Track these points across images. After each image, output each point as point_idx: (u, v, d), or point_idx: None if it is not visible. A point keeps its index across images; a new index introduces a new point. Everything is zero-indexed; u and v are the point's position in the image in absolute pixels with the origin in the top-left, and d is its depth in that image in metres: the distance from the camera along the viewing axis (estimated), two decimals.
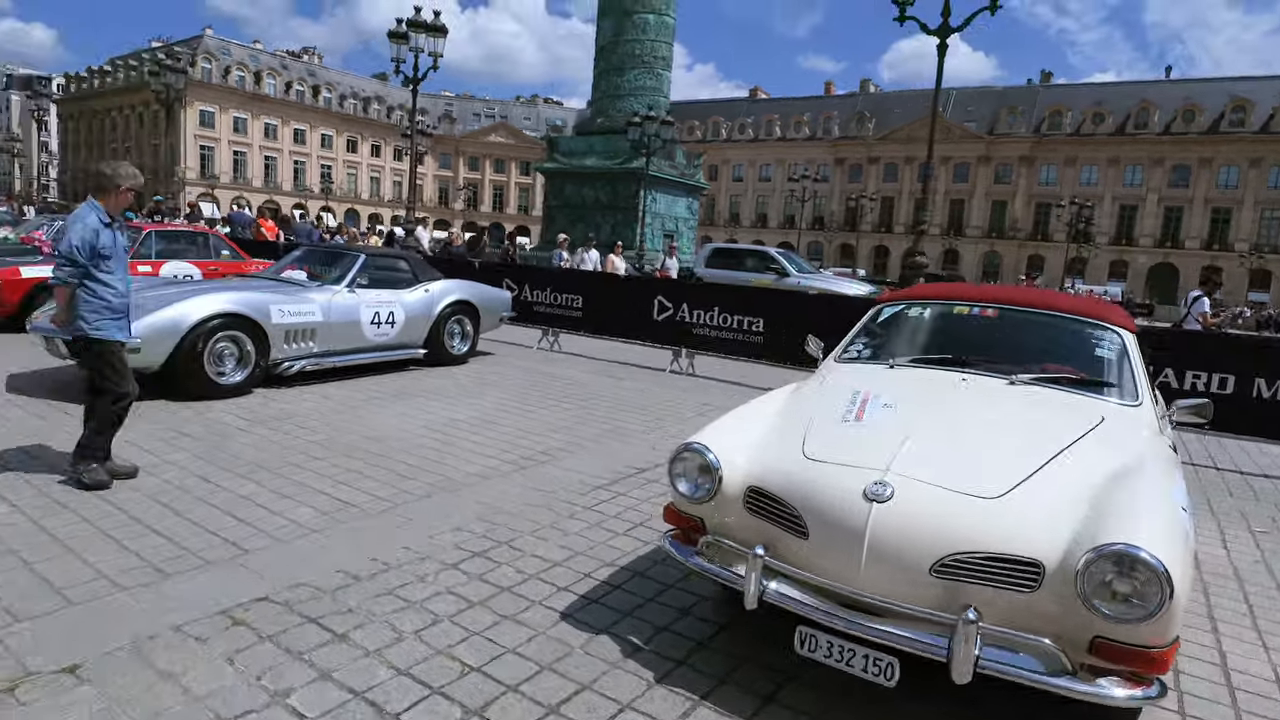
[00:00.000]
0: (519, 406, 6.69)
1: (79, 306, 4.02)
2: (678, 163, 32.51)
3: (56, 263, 4.03)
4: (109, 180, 4.10)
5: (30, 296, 8.38)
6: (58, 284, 4.02)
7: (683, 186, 32.38)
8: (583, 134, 32.68)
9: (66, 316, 4.07)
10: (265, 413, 5.82)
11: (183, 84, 26.53)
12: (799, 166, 69.99)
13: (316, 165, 74.30)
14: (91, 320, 4.07)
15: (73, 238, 3.96)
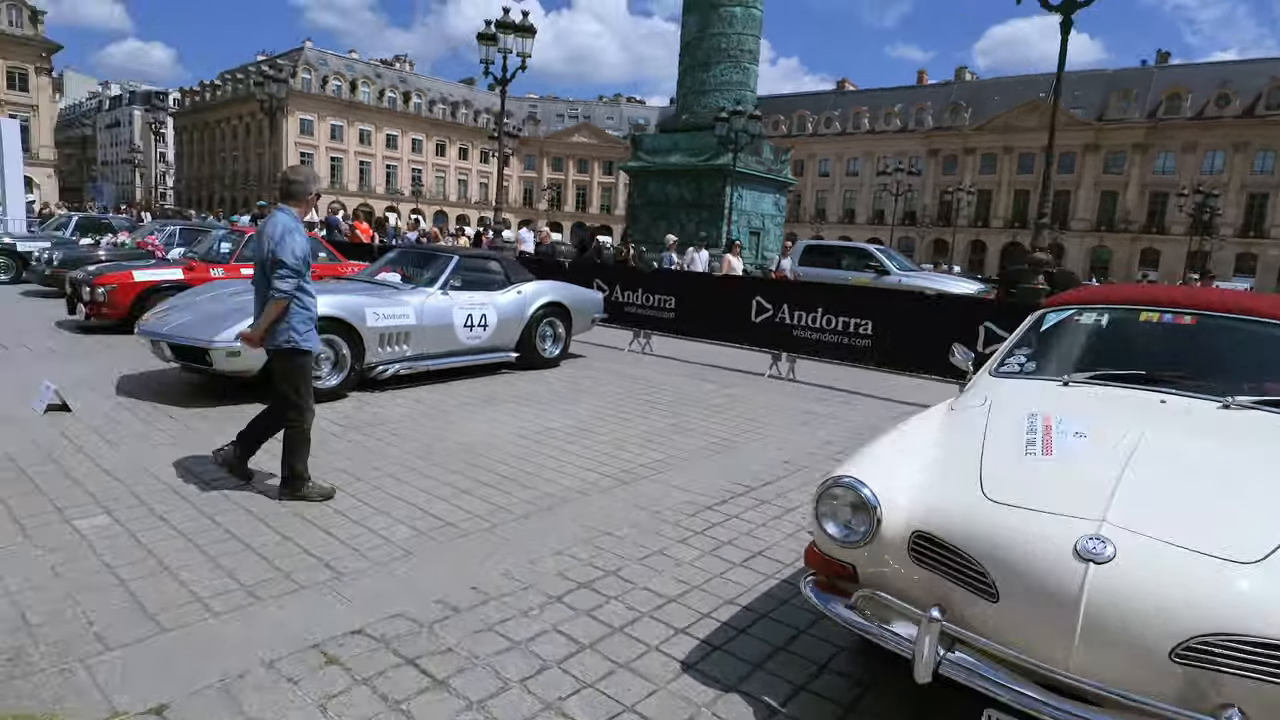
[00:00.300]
0: (615, 414, 6.38)
1: (291, 318, 3.91)
2: (765, 158, 31.74)
3: (279, 275, 3.77)
4: (301, 188, 4.00)
5: (141, 299, 8.64)
6: (281, 297, 3.81)
7: (770, 182, 31.60)
8: (667, 131, 32.34)
9: (266, 331, 3.91)
10: (359, 418, 5.69)
11: (284, 93, 27.65)
12: (889, 160, 67.61)
13: (407, 169, 76.77)
14: (302, 331, 3.97)
15: (294, 248, 3.82)
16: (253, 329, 4.00)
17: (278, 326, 3.91)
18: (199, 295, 6.65)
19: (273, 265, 3.81)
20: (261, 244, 3.92)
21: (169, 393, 6.10)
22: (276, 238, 3.83)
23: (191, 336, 5.58)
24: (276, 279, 3.80)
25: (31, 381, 6.14)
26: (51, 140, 58.09)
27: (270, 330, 3.91)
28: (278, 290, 3.81)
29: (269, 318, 3.87)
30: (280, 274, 3.80)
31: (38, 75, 55.05)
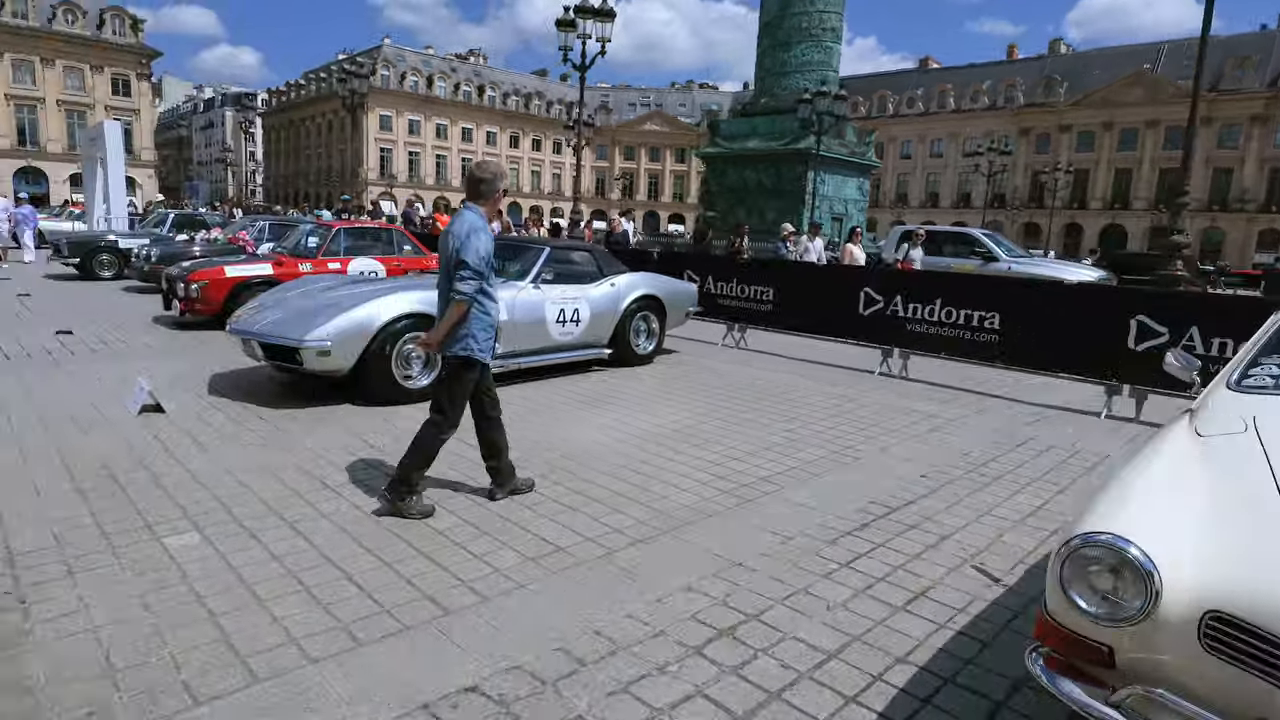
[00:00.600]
0: (721, 417, 5.87)
1: (471, 324, 3.65)
2: (848, 141, 30.53)
3: (460, 277, 3.52)
4: (489, 186, 3.72)
5: (233, 295, 8.62)
6: (462, 299, 3.55)
7: (853, 166, 30.37)
8: (745, 115, 31.40)
9: (445, 336, 3.64)
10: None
11: (365, 89, 28.13)
12: (976, 140, 64.55)
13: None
14: (481, 339, 3.72)
15: (479, 247, 3.55)
16: (431, 332, 3.73)
17: (457, 331, 3.64)
18: (289, 291, 6.47)
19: (456, 265, 3.55)
20: (447, 243, 3.65)
21: (259, 392, 5.93)
22: (462, 236, 3.56)
23: (282, 335, 5.36)
24: (458, 280, 3.54)
25: (128, 378, 6.09)
26: (152, 142, 61.28)
27: (450, 334, 3.63)
28: (459, 292, 3.55)
29: (449, 321, 3.61)
30: (462, 275, 3.53)
31: (138, 81, 58.06)
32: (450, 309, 3.59)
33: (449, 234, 3.67)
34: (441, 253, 3.76)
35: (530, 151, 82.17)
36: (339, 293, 6.02)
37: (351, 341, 5.39)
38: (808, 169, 28.34)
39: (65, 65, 54.18)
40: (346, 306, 5.50)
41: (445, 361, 3.78)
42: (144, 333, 8.57)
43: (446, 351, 3.70)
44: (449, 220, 3.96)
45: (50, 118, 53.78)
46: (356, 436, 4.90)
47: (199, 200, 50.68)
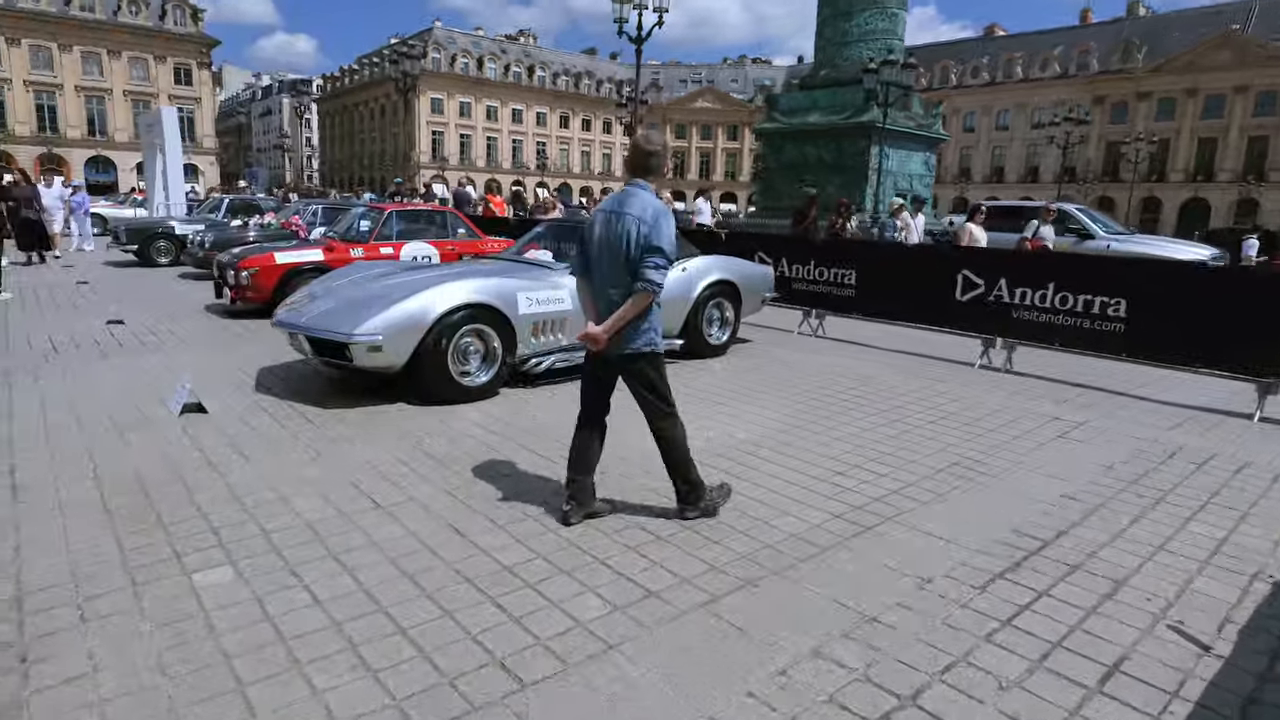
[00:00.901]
0: (813, 418, 5.21)
1: (650, 315, 3.24)
2: (914, 113, 29.10)
3: (653, 265, 3.09)
4: (658, 160, 3.26)
5: (284, 282, 8.26)
6: (654, 290, 3.12)
7: (919, 139, 28.94)
8: (805, 88, 30.13)
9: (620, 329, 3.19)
10: (516, 424, 4.83)
11: (418, 70, 27.86)
12: (1045, 110, 61.65)
13: (532, 142, 77.55)
14: (658, 329, 3.32)
15: (671, 232, 3.14)
16: (601, 326, 3.22)
17: (639, 325, 3.21)
18: (338, 280, 6.02)
19: (645, 251, 3.10)
20: (620, 226, 3.15)
21: (307, 389, 5.49)
22: (649, 220, 3.11)
23: (329, 329, 4.89)
24: (650, 269, 3.10)
25: (174, 373, 5.74)
26: (213, 130, 62.71)
27: (627, 328, 3.19)
28: (650, 282, 3.11)
29: (631, 312, 3.15)
30: (655, 263, 3.11)
31: (199, 69, 59.31)
32: (635, 299, 3.12)
33: (620, 215, 3.16)
34: (605, 237, 3.21)
35: (580, 131, 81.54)
36: (391, 281, 5.53)
37: (405, 335, 4.89)
38: (871, 143, 27.11)
39: (130, 56, 55.65)
40: (399, 297, 5.00)
41: (627, 360, 3.30)
42: (195, 322, 8.29)
43: (627, 348, 3.25)
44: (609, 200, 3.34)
45: (117, 108, 55.30)
46: (411, 443, 4.39)
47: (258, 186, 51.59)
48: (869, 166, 27.99)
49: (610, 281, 3.22)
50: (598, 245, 3.26)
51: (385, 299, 5.04)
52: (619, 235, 3.15)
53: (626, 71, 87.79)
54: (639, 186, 3.23)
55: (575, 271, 3.47)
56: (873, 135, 27.35)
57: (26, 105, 52.83)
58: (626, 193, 3.25)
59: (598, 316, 3.28)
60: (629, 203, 3.18)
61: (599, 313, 3.28)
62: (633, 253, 3.12)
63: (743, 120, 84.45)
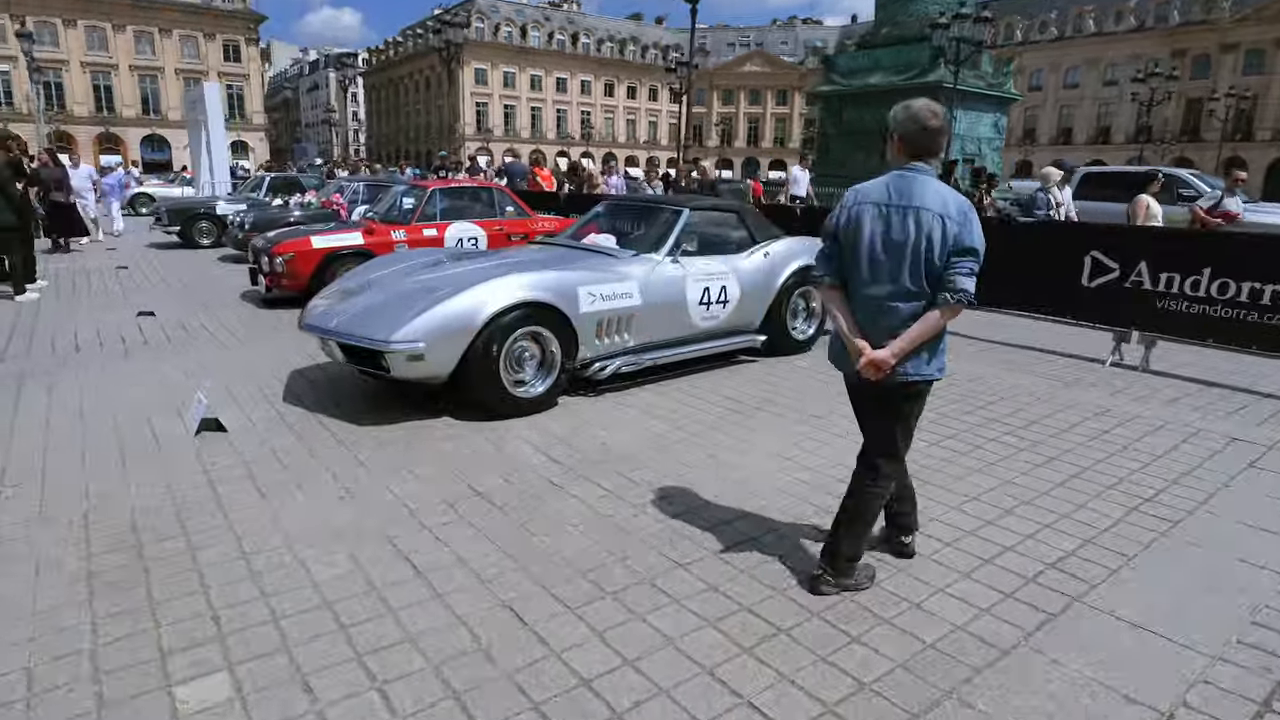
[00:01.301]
0: (935, 436, 4.32)
1: (944, 335, 2.57)
2: (983, 71, 27.25)
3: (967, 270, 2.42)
4: (943, 138, 2.54)
5: (322, 268, 7.64)
6: (961, 302, 2.42)
7: (989, 100, 27.15)
8: (865, 48, 28.42)
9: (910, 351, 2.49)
10: (580, 448, 4.06)
11: (461, 39, 27.06)
12: (1120, 66, 58.09)
13: (577, 112, 76.36)
14: (945, 350, 2.63)
15: (979, 227, 2.46)
16: (892, 346, 2.48)
17: (934, 347, 2.55)
18: (377, 271, 5.31)
19: (956, 254, 2.41)
20: (912, 222, 2.44)
21: (340, 398, 4.81)
22: (956, 215, 2.42)
23: (363, 334, 4.18)
24: (963, 274, 2.41)
25: (196, 376, 5.16)
26: (262, 106, 63.12)
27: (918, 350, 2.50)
28: (964, 293, 2.42)
29: (932, 329, 2.47)
30: (970, 267, 2.42)
31: (248, 46, 59.54)
32: (939, 314, 2.44)
33: (912, 211, 2.44)
34: (882, 239, 2.49)
35: (625, 99, 79.98)
36: (433, 275, 4.80)
37: (450, 341, 4.16)
38: (939, 104, 25.54)
39: (181, 34, 56.14)
40: (443, 295, 4.26)
41: (901, 389, 2.60)
42: (228, 313, 7.72)
43: (913, 374, 2.54)
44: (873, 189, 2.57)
45: (169, 86, 55.92)
46: (457, 475, 3.67)
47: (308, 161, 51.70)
48: None
49: (895, 292, 2.48)
50: (870, 247, 2.51)
51: (427, 297, 4.30)
52: (912, 234, 2.43)
53: (672, 36, 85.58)
54: (920, 171, 2.48)
55: (823, 279, 2.66)
56: (939, 96, 25.71)
57: (84, 86, 53.84)
58: (906, 179, 2.48)
59: (867, 335, 2.54)
60: (919, 193, 2.44)
61: (874, 331, 2.53)
62: (937, 256, 2.41)
63: (792, 84, 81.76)
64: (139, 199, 22.86)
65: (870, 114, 28.11)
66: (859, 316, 2.58)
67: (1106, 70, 60.68)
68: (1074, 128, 62.72)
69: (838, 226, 2.60)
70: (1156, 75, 39.52)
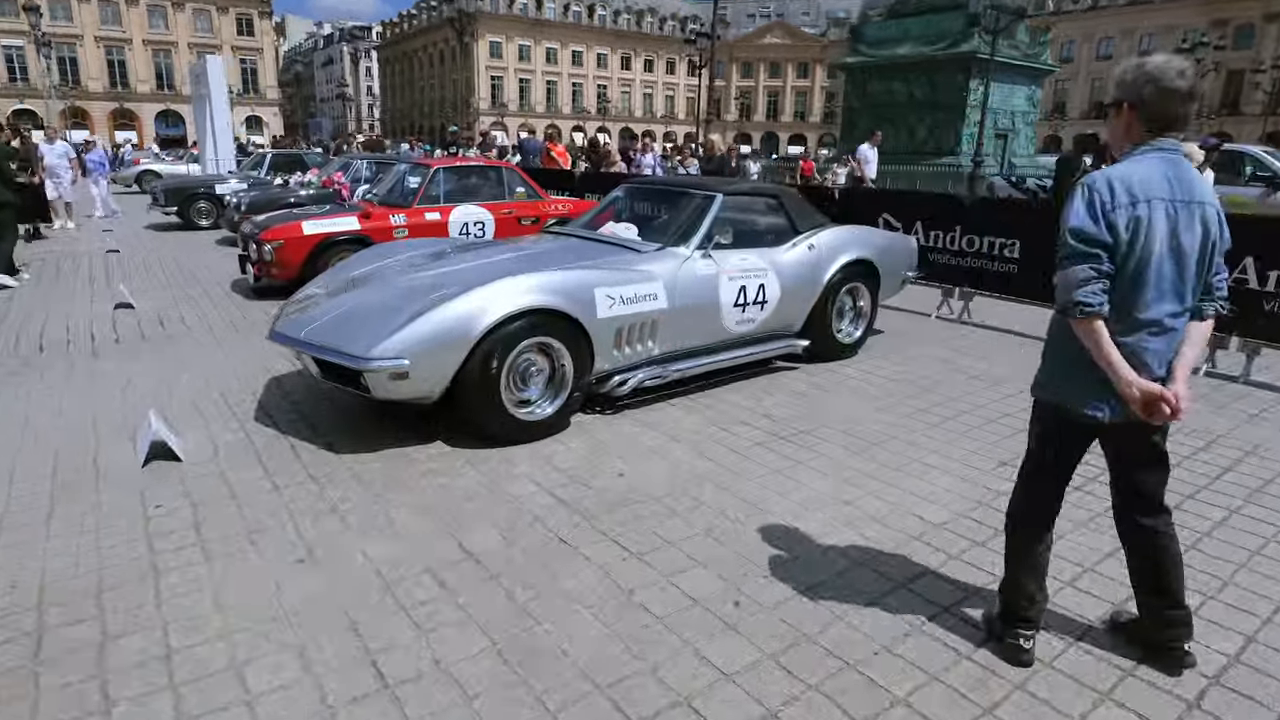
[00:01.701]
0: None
1: None
2: (1018, 41, 26.08)
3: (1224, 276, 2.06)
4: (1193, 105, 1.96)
5: (315, 255, 6.98)
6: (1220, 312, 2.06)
7: (1024, 71, 26.00)
8: (895, 17, 27.16)
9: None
10: (595, 484, 3.38)
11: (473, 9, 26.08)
12: (1154, 37, 55.98)
13: (593, 85, 74.96)
14: None
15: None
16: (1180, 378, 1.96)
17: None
18: (367, 264, 4.63)
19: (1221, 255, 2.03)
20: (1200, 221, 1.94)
21: (319, 419, 4.15)
22: (1219, 207, 2.00)
23: (337, 348, 3.51)
24: (1223, 278, 2.06)
25: (164, 382, 4.55)
26: (276, 81, 62.41)
27: None
28: (1226, 302, 2.08)
29: (1201, 348, 2.08)
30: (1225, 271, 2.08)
31: (260, 19, 58.72)
32: (1208, 325, 2.05)
33: (1198, 206, 1.94)
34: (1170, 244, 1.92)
35: (642, 73, 78.42)
36: (427, 273, 4.11)
37: (441, 356, 3.48)
38: (970, 77, 24.37)
39: (194, 8, 55.44)
40: (433, 300, 3.58)
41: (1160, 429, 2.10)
42: (212, 306, 7.09)
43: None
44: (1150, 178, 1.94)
45: (182, 61, 55.26)
46: (445, 527, 3.00)
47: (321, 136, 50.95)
48: (968, 103, 25.31)
49: (1178, 311, 1.99)
50: (1160, 255, 1.93)
51: (414, 303, 3.63)
52: (1199, 237, 1.95)
53: (691, 7, 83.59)
54: (1174, 150, 1.95)
55: (1092, 310, 1.90)
56: (973, 67, 24.57)
57: (98, 61, 53.39)
58: (1172, 162, 1.94)
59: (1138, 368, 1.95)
60: (1196, 183, 1.94)
61: (1150, 361, 1.97)
62: (1212, 259, 2.00)
63: (814, 57, 79.78)
64: (145, 176, 22.31)
65: (899, 86, 27.00)
66: (1129, 344, 1.95)
67: (1142, 41, 58.48)
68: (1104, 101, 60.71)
69: (1115, 233, 1.89)
70: (1203, 45, 37.68)
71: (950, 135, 25.30)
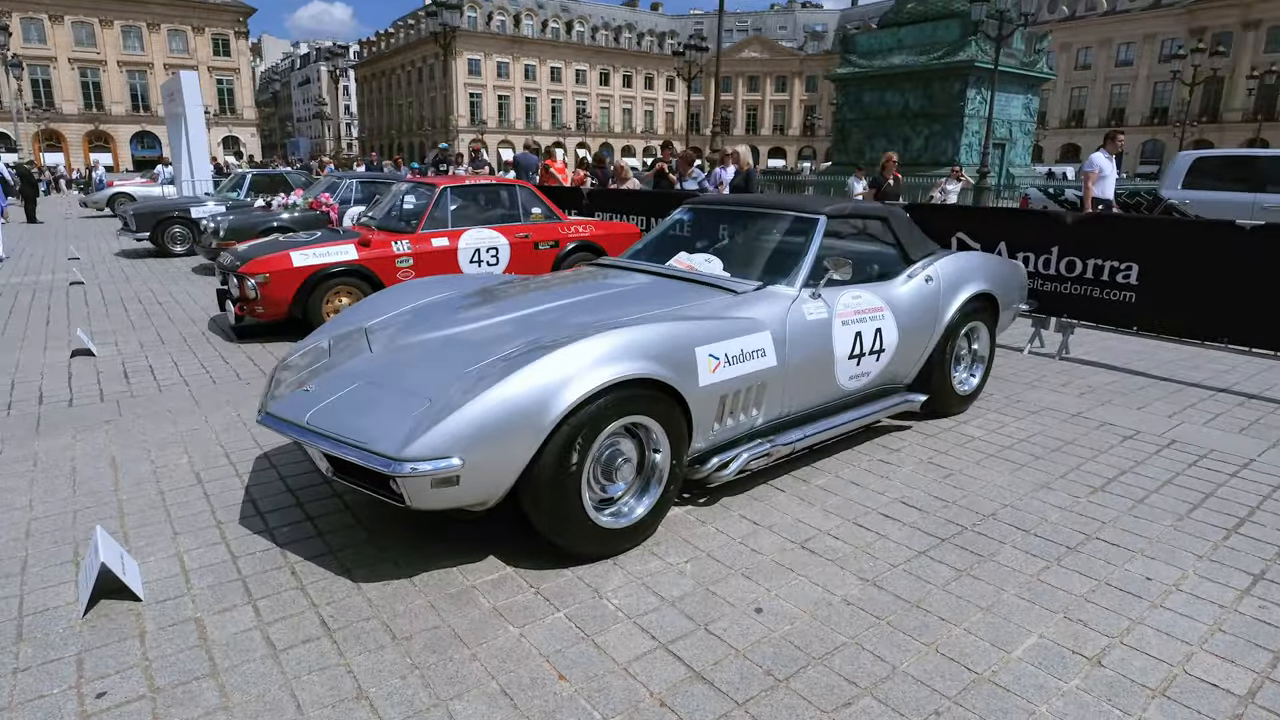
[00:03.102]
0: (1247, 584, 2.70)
1: None
2: (1015, 49, 25.66)
3: None
4: None
5: (307, 290, 5.99)
6: None
7: (1021, 80, 25.62)
8: (887, 26, 26.64)
9: None
10: (726, 633, 2.40)
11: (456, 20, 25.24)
12: (1131, 47, 56.60)
13: (572, 101, 74.37)
14: None
15: None
16: None
17: None
18: (377, 315, 3.65)
19: None
20: None
21: (326, 523, 3.14)
22: None
23: (358, 444, 2.51)
24: None
25: (122, 466, 3.52)
26: (253, 100, 61.18)
27: None
28: None
29: None
30: None
31: (237, 39, 57.67)
32: None
33: None
34: None
35: (621, 88, 78.02)
36: (466, 329, 3.14)
37: (504, 451, 2.50)
38: (966, 86, 23.90)
39: (169, 28, 54.42)
40: (489, 373, 2.60)
41: None
42: (188, 351, 6.04)
43: None
44: None
45: (158, 81, 54.06)
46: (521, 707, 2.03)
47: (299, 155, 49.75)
48: (965, 113, 24.84)
49: None
50: None
51: (459, 373, 2.66)
52: None
53: (669, 23, 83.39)
54: None
55: None
56: (970, 76, 24.12)
57: (72, 83, 52.12)
58: None
59: None
60: None
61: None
62: None
63: (792, 70, 79.89)
64: (118, 199, 21.11)
65: (893, 97, 26.48)
66: None
67: (1117, 50, 59.14)
68: (1086, 110, 61.20)
69: None
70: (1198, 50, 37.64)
71: (948, 145, 24.74)
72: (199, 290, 8.87)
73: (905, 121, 25.49)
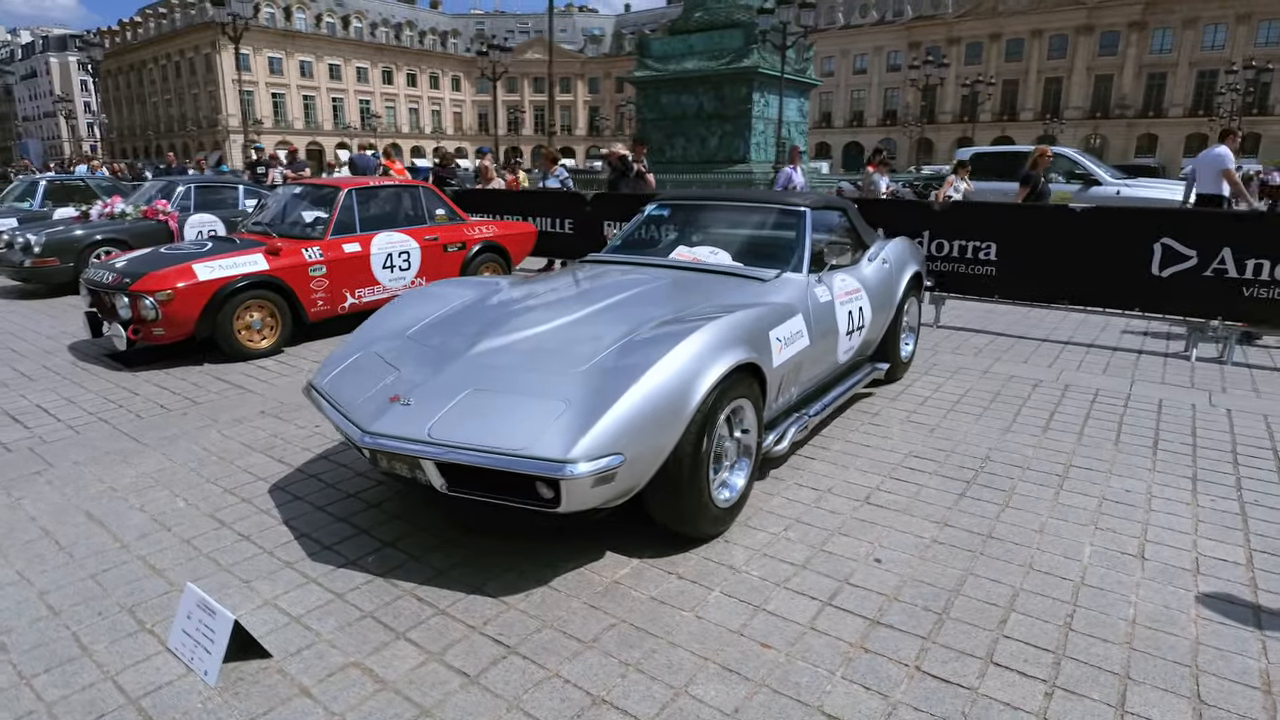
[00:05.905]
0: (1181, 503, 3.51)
1: None
2: (789, 57, 28.27)
3: None
4: None
5: (215, 308, 5.38)
6: None
7: (794, 85, 28.28)
8: (678, 33, 28.17)
9: None
10: (874, 590, 2.71)
11: (228, 17, 23.01)
12: (863, 58, 64.95)
13: (354, 100, 70.17)
14: None
15: None
16: None
17: None
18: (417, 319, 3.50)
19: None
20: None
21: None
22: None
23: (514, 452, 2.44)
24: None
25: (109, 504, 3.07)
26: None
27: None
28: None
29: None
30: None
31: None
32: None
33: None
34: None
35: (406, 88, 74.95)
36: (541, 330, 3.13)
37: (654, 442, 2.59)
38: (753, 90, 26.02)
39: None
40: (628, 366, 2.67)
41: None
42: (71, 384, 5.13)
43: None
44: None
45: None
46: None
47: (35, 161, 41.99)
48: (752, 114, 26.97)
49: None
50: None
51: (574, 374, 2.71)
52: None
53: (450, 21, 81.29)
54: None
55: None
56: (754, 81, 26.27)
57: None
58: None
59: None
60: None
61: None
62: None
63: (574, 72, 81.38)
64: None
65: (689, 99, 28.15)
66: None
67: (854, 60, 67.35)
68: (832, 113, 69.06)
69: None
70: (928, 63, 43.69)
71: (739, 145, 26.82)
72: (26, 319, 7.41)
73: (700, 122, 27.18)
